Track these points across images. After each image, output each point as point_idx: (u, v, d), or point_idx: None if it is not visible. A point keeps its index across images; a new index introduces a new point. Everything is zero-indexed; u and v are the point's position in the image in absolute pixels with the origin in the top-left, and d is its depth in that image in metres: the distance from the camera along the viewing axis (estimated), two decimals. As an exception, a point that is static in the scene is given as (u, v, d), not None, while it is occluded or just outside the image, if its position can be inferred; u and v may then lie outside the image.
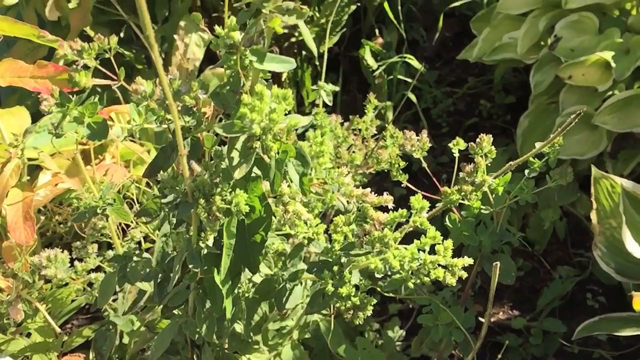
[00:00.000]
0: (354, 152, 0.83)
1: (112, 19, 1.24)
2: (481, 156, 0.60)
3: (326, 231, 0.52)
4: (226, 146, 0.45)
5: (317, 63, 1.34)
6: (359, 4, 1.29)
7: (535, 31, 1.10)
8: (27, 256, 0.70)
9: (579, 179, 1.10)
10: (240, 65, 0.46)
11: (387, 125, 1.26)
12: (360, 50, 1.34)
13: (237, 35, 0.45)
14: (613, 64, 0.98)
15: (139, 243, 0.75)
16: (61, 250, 0.71)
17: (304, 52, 1.31)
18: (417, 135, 0.69)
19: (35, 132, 0.90)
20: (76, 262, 0.75)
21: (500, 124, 1.33)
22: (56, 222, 0.91)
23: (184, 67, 1.15)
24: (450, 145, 0.66)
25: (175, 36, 1.15)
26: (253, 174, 0.46)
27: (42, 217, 0.86)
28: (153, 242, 0.79)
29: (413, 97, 1.27)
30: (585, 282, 1.04)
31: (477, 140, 0.62)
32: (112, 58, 0.51)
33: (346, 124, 0.86)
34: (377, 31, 1.43)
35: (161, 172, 0.48)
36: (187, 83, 0.47)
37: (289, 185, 0.46)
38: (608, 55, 0.99)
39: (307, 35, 0.48)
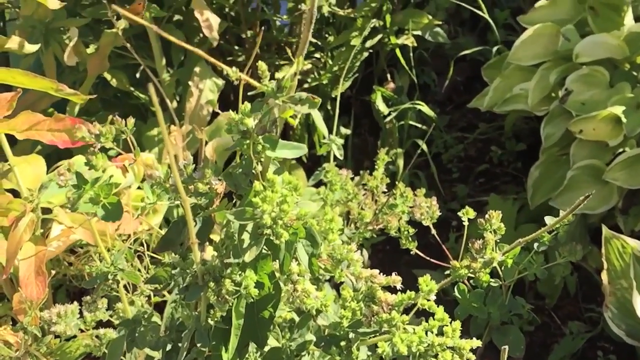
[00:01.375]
0: (362, 208, 0.83)
1: (129, 63, 1.26)
2: (490, 232, 0.60)
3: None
4: (237, 224, 0.45)
5: (329, 107, 1.35)
6: (371, 50, 1.31)
7: (546, 83, 1.10)
8: (37, 310, 0.71)
9: (589, 231, 1.09)
10: (253, 150, 0.47)
11: (397, 172, 1.27)
12: (372, 95, 1.35)
13: (251, 122, 0.46)
14: (624, 119, 0.98)
15: (149, 297, 0.76)
16: (69, 297, 0.72)
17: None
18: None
19: (50, 180, 0.92)
20: (85, 313, 0.76)
21: (511, 171, 1.33)
22: (66, 267, 0.92)
23: (197, 113, 1.17)
24: (460, 214, 0.66)
25: (190, 82, 1.17)
26: (263, 251, 0.46)
27: (53, 268, 0.86)
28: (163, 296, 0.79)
29: (424, 147, 1.27)
30: (597, 339, 1.02)
31: (487, 216, 0.62)
32: (129, 139, 0.52)
33: (357, 178, 0.86)
34: (388, 75, 1.45)
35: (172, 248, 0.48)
36: (200, 170, 0.48)
37: (298, 264, 0.46)
38: (619, 110, 0.99)
39: (318, 118, 0.49)
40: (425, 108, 1.30)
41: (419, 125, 1.33)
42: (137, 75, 1.32)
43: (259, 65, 0.49)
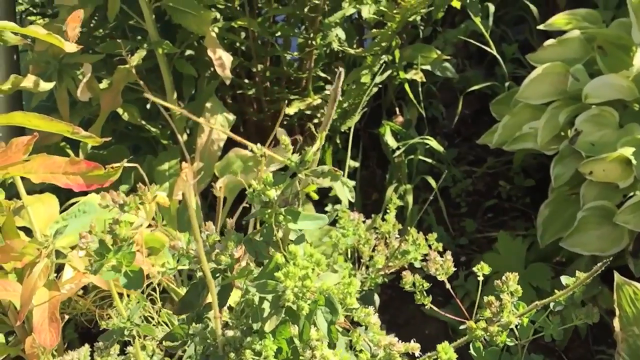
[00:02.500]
0: (373, 251, 0.83)
1: (140, 97, 1.28)
2: (507, 293, 0.60)
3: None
4: (256, 290, 0.45)
5: (339, 141, 1.36)
6: (380, 85, 1.32)
7: (555, 123, 1.11)
8: (49, 355, 0.71)
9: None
10: (274, 220, 0.47)
11: (407, 207, 1.27)
12: (381, 129, 1.36)
13: (273, 194, 0.47)
14: (634, 161, 0.99)
15: (160, 341, 0.76)
16: (77, 331, 0.72)
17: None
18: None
19: (63, 220, 0.93)
20: (97, 357, 0.76)
21: (519, 206, 1.33)
22: (76, 306, 0.92)
23: (208, 148, 1.18)
24: (475, 269, 0.66)
25: (202, 119, 1.18)
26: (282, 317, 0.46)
27: (63, 308, 0.87)
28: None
29: (433, 183, 1.28)
30: (608, 382, 1.02)
31: (504, 277, 0.62)
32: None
33: (368, 221, 0.86)
34: (397, 108, 1.46)
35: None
36: (223, 241, 0.48)
37: (316, 329, 0.46)
38: (628, 152, 1.00)
39: (340, 190, 0.50)
40: (434, 143, 1.30)
41: (428, 160, 1.33)
42: (148, 106, 1.33)
43: (281, 139, 0.50)
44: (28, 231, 0.93)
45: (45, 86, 1.02)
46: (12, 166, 0.79)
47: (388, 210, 0.86)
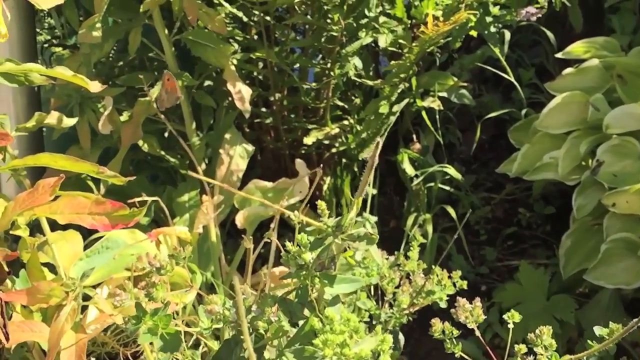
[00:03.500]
0: (396, 288, 0.83)
1: (160, 127, 1.29)
2: (542, 347, 0.60)
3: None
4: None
5: (356, 169, 1.36)
6: (397, 114, 1.32)
7: (576, 152, 1.11)
8: (76, 398, 0.71)
9: (624, 302, 1.08)
10: (310, 282, 0.47)
11: (427, 237, 1.26)
12: (398, 157, 1.36)
13: (309, 257, 0.47)
14: (658, 193, 0.98)
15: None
16: None
17: (344, 160, 1.33)
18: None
19: (86, 256, 0.93)
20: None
21: (540, 234, 1.33)
22: (100, 345, 0.92)
23: (228, 179, 1.18)
24: (506, 317, 0.65)
25: (221, 150, 1.19)
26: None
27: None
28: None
29: (453, 213, 1.27)
30: (635, 416, 1.00)
31: (537, 331, 0.62)
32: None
33: (391, 258, 0.86)
34: (413, 135, 1.46)
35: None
36: (259, 305, 0.48)
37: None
38: (652, 183, 0.99)
39: (376, 253, 0.50)
40: (452, 171, 1.30)
41: (446, 188, 1.33)
42: (165, 134, 1.34)
43: (319, 204, 0.50)
44: (51, 267, 0.94)
45: (69, 122, 1.03)
46: (38, 207, 0.80)
47: (410, 246, 0.85)
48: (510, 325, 0.64)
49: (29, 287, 0.77)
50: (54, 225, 0.87)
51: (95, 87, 0.88)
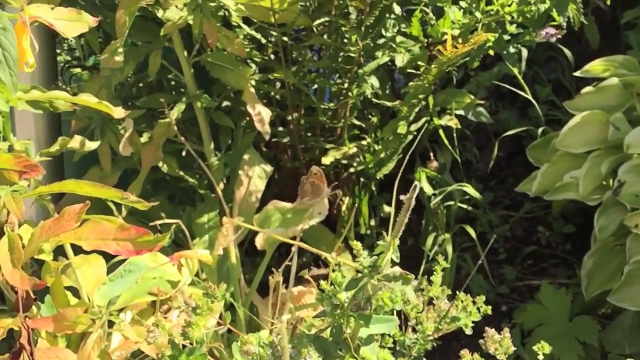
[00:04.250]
0: (419, 313, 0.82)
1: (179, 148, 1.29)
2: None
3: None
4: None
5: (374, 187, 1.36)
6: (415, 133, 1.32)
7: (597, 172, 1.10)
8: None
9: (647, 323, 1.06)
10: (345, 322, 0.47)
11: (447, 257, 1.26)
12: (415, 175, 1.36)
13: (344, 297, 0.47)
14: (682, 214, 0.97)
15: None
16: None
17: (361, 179, 1.33)
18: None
19: (110, 280, 0.93)
20: None
21: (560, 253, 1.32)
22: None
23: (246, 200, 1.19)
24: (536, 349, 0.64)
25: (240, 171, 1.19)
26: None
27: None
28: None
29: (472, 232, 1.27)
30: None
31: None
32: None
33: (414, 283, 0.85)
34: (430, 153, 1.45)
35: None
36: (295, 345, 0.48)
37: None
38: (676, 204, 0.98)
39: (411, 293, 0.51)
40: (471, 190, 1.30)
41: (465, 207, 1.33)
42: (183, 153, 1.35)
43: (354, 244, 0.50)
44: (74, 290, 0.94)
45: (91, 145, 1.04)
46: (63, 233, 0.80)
47: (433, 270, 0.85)
48: (540, 357, 0.64)
49: (56, 314, 0.78)
50: (77, 248, 0.88)
51: (119, 113, 0.89)
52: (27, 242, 0.79)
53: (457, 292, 0.80)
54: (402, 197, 0.47)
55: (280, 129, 1.36)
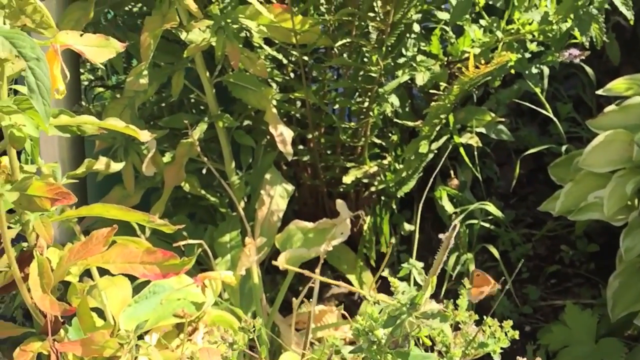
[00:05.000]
0: (445, 336, 0.81)
1: (199, 166, 1.30)
2: None
3: None
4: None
5: (394, 206, 1.36)
6: (436, 151, 1.32)
7: (622, 192, 1.09)
8: None
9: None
10: (382, 359, 0.47)
11: (471, 279, 1.25)
12: (436, 193, 1.36)
13: (380, 333, 0.47)
14: None
15: None
16: None
17: (382, 198, 1.33)
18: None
19: (135, 302, 0.94)
20: None
21: (584, 272, 1.30)
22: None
23: (268, 219, 1.19)
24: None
25: (262, 191, 1.19)
26: None
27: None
28: None
29: (495, 252, 1.26)
30: None
31: None
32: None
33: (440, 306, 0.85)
34: (451, 170, 1.45)
35: None
36: None
37: None
38: None
39: (448, 330, 0.50)
40: (492, 209, 1.29)
41: (486, 225, 1.32)
42: (203, 171, 1.35)
43: (392, 281, 0.50)
44: (99, 311, 0.95)
45: (116, 167, 1.05)
46: (91, 257, 0.81)
47: (458, 292, 0.84)
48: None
49: (84, 339, 0.78)
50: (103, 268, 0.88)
51: (145, 136, 0.90)
52: (56, 266, 0.80)
53: (484, 317, 0.79)
54: (441, 235, 0.47)
55: (301, 147, 1.36)
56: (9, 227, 0.78)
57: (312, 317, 1.01)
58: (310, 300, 0.94)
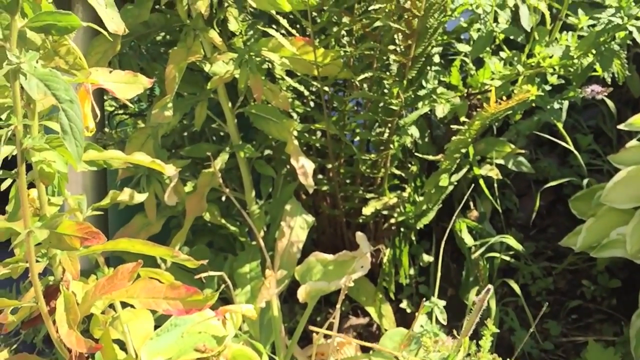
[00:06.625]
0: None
1: (220, 195, 1.31)
2: None
3: None
4: None
5: (413, 237, 1.35)
6: (455, 183, 1.32)
7: (645, 229, 1.08)
8: None
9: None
10: None
11: (490, 315, 1.24)
12: (456, 225, 1.35)
13: None
14: None
15: None
16: None
17: (401, 229, 1.33)
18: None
19: (157, 335, 0.94)
20: None
21: (605, 308, 1.28)
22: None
23: (288, 251, 1.19)
24: None
25: (282, 222, 1.20)
26: None
27: None
28: None
29: (516, 287, 1.25)
30: None
31: None
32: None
33: (454, 342, 0.84)
34: (470, 202, 1.44)
35: None
36: None
37: None
38: None
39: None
40: (513, 242, 1.28)
41: (506, 258, 1.31)
42: (223, 198, 1.36)
43: (424, 341, 0.50)
44: (121, 343, 0.95)
45: (139, 198, 1.06)
46: (116, 291, 0.82)
47: (482, 335, 0.84)
48: None
49: (107, 374, 0.79)
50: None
51: (170, 170, 0.91)
52: (82, 301, 0.81)
53: (503, 352, 0.78)
54: (474, 298, 0.47)
55: (320, 176, 1.37)
56: (36, 261, 0.79)
57: (332, 349, 1.01)
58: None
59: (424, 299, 1.15)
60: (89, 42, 1.14)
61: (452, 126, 1.21)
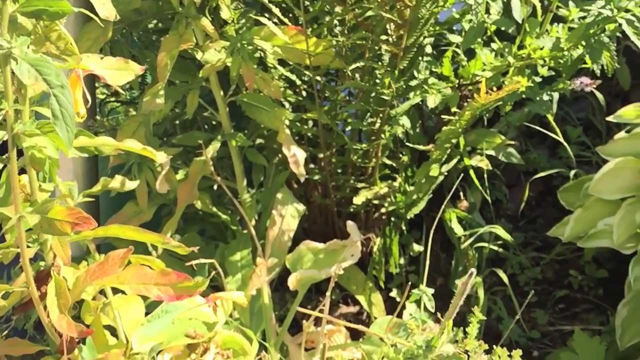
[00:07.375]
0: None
1: (211, 184, 1.31)
2: None
3: None
4: None
5: (404, 227, 1.36)
6: (446, 173, 1.33)
7: (631, 220, 1.09)
8: None
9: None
10: None
11: (478, 303, 1.25)
12: (446, 215, 1.36)
13: None
14: None
15: None
16: None
17: (392, 219, 1.34)
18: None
19: (148, 321, 0.95)
20: None
21: (592, 298, 1.30)
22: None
23: (279, 239, 1.20)
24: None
25: (274, 211, 1.21)
26: None
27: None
28: None
29: (504, 276, 1.26)
30: None
31: None
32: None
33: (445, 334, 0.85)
34: (460, 192, 1.46)
35: None
36: None
37: None
38: None
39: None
40: (502, 232, 1.29)
41: (495, 248, 1.32)
42: (215, 187, 1.36)
43: (409, 324, 0.51)
44: (112, 329, 0.96)
45: (130, 185, 1.07)
46: (107, 277, 0.82)
47: (465, 315, 0.85)
48: None
49: (99, 359, 0.79)
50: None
51: (161, 158, 0.91)
52: (72, 286, 0.81)
53: (490, 340, 0.79)
54: (458, 281, 0.48)
55: (312, 166, 1.37)
56: (27, 247, 0.79)
57: (321, 337, 1.02)
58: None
59: (412, 286, 1.17)
60: (80, 28, 1.13)
61: (443, 117, 1.21)
